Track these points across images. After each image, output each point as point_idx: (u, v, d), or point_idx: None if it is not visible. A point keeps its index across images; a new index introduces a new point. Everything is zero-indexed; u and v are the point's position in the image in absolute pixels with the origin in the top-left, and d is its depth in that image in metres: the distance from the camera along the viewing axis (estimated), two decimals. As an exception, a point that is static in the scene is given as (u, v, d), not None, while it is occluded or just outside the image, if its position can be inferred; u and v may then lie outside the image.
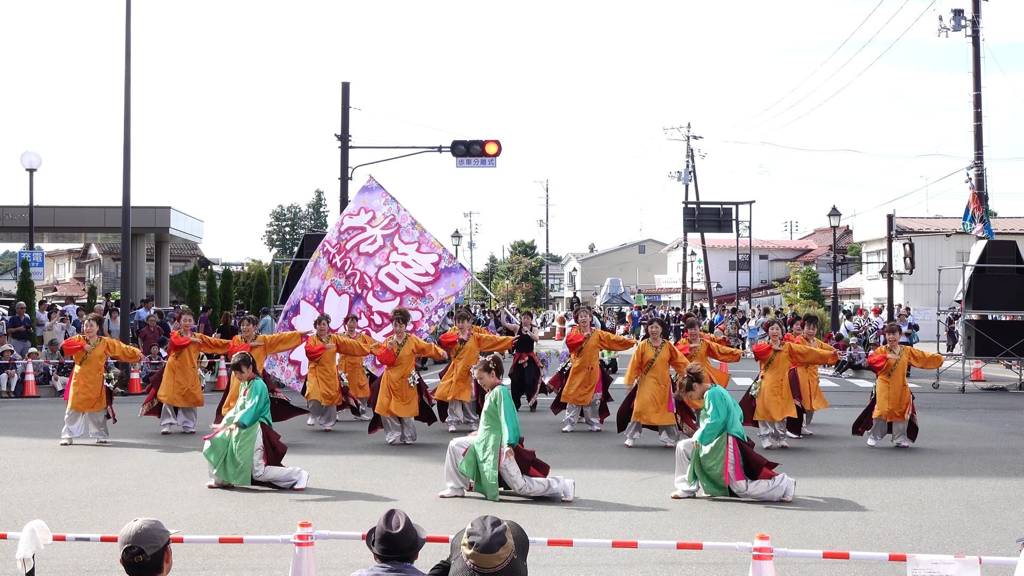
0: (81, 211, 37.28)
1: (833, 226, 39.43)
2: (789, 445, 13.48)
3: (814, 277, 54.64)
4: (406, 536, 4.31)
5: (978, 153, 28.22)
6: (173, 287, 44.33)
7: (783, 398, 13.33)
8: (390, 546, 4.29)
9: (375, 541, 4.33)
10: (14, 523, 8.46)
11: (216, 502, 9.77)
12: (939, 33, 29.33)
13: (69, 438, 13.61)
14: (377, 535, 4.33)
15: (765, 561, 5.62)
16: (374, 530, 4.37)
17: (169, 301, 38.47)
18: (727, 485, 9.70)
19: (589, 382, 14.88)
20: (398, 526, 4.32)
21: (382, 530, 4.32)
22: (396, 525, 4.32)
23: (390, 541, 4.30)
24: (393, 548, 4.28)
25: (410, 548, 4.32)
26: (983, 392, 22.71)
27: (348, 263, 17.43)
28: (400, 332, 13.73)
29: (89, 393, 13.79)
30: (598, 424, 15.07)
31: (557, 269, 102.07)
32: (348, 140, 27.04)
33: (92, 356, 13.94)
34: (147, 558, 3.95)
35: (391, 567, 4.27)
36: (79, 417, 13.81)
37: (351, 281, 17.39)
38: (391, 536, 4.30)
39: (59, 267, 70.21)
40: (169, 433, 14.70)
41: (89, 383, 13.81)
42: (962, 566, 5.38)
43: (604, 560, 7.57)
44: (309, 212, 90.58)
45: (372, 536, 4.37)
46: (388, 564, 4.28)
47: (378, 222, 17.64)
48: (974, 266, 23.94)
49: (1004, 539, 8.30)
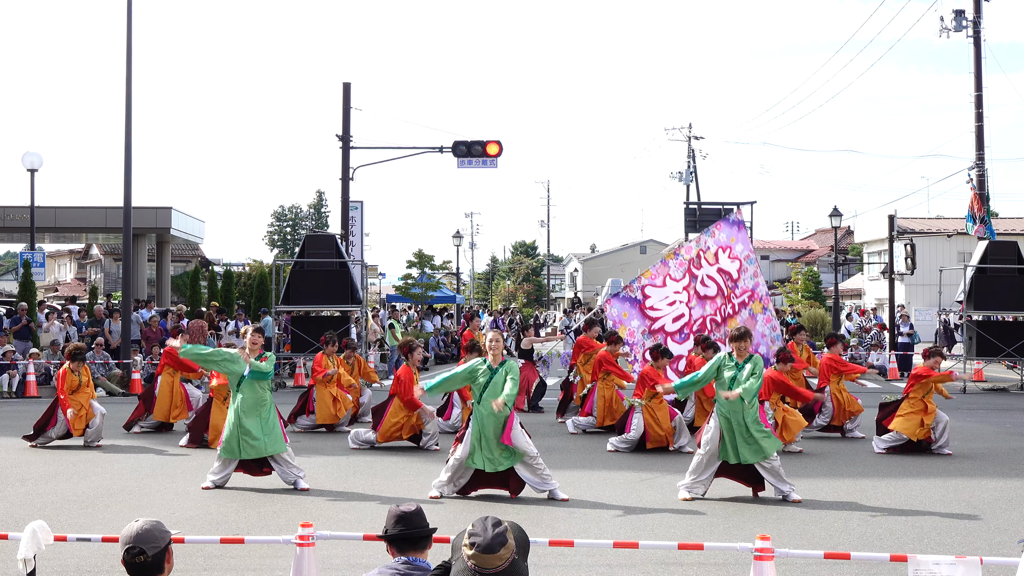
0: (82, 212, 37.26)
1: (834, 226, 39.44)
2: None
3: (815, 278, 54.60)
4: (421, 516, 4.33)
5: (979, 153, 28.20)
6: (174, 288, 44.31)
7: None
8: (407, 525, 4.28)
9: (389, 528, 4.31)
10: (15, 524, 8.46)
11: (217, 502, 9.78)
12: (940, 33, 29.30)
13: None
14: (391, 519, 4.30)
15: (766, 562, 5.62)
16: (387, 525, 4.35)
17: (170, 301, 38.45)
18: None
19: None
20: (410, 508, 4.34)
21: (396, 512, 4.31)
22: (409, 507, 4.34)
23: (406, 520, 4.29)
24: (410, 526, 4.28)
25: (424, 527, 4.32)
26: (984, 393, 22.69)
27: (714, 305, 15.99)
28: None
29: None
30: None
31: (558, 270, 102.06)
32: (349, 140, 27.06)
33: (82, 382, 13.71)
34: (148, 558, 3.95)
35: (405, 561, 4.26)
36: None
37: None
38: (406, 515, 4.30)
39: (60, 268, 70.19)
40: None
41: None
42: (963, 567, 5.38)
43: (605, 560, 7.57)
44: (310, 212, 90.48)
45: (386, 528, 4.35)
46: (403, 557, 4.27)
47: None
48: (975, 267, 23.93)
49: (1005, 540, 8.30)
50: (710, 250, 16.00)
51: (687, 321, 15.75)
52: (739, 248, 16.13)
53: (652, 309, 15.70)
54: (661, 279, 15.88)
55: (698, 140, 56.58)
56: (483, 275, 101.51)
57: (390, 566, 4.26)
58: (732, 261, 16.07)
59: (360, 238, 31.55)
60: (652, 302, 15.72)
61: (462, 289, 65.43)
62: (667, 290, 15.83)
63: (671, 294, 15.81)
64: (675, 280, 15.86)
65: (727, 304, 15.89)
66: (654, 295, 15.75)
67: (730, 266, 16.07)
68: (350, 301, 23.26)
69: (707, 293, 15.92)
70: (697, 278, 15.89)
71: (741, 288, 16.02)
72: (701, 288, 15.88)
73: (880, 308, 35.62)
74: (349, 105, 27.18)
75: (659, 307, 15.75)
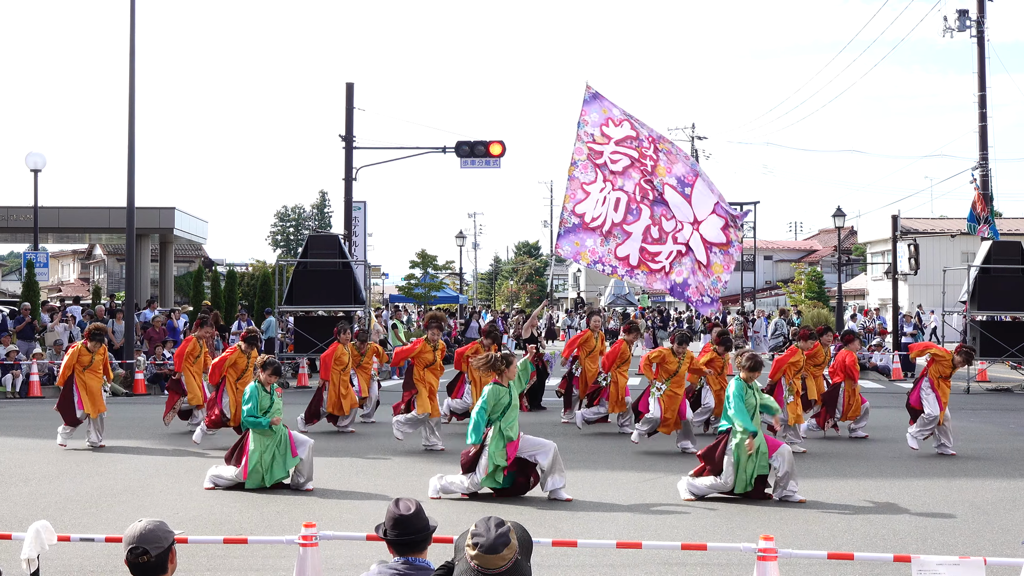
0: (85, 212, 37.32)
1: (838, 227, 39.38)
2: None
3: (819, 278, 54.59)
4: (419, 517, 4.26)
5: (983, 153, 28.17)
6: (177, 288, 44.36)
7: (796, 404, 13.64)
8: (404, 529, 4.22)
9: (387, 529, 4.28)
10: (19, 524, 8.46)
11: (220, 503, 9.78)
12: (944, 33, 29.29)
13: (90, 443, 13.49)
14: (389, 520, 4.27)
15: (770, 562, 5.62)
16: (384, 522, 4.33)
17: (173, 302, 38.50)
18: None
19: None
20: (408, 509, 4.27)
21: (394, 513, 4.26)
22: (407, 508, 4.27)
23: (404, 523, 4.23)
24: (408, 531, 4.22)
25: (423, 531, 4.27)
26: (988, 393, 22.68)
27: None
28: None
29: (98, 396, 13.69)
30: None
31: (561, 270, 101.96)
32: (352, 141, 27.07)
33: (95, 362, 13.75)
34: (151, 559, 3.95)
35: (404, 561, 4.24)
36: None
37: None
38: (404, 518, 4.24)
39: (64, 268, 70.29)
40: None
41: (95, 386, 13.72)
42: (967, 567, 5.37)
43: (608, 561, 7.57)
44: (313, 213, 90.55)
45: (383, 527, 4.33)
46: (402, 557, 4.25)
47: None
48: (979, 267, 23.90)
49: (1009, 540, 8.29)
50: (594, 136, 15.34)
51: (626, 200, 15.22)
52: (615, 112, 15.50)
53: (593, 220, 15.33)
54: (581, 192, 15.30)
55: (701, 140, 56.74)
56: (486, 275, 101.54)
57: (390, 566, 4.26)
58: (619, 126, 15.41)
59: (363, 238, 31.56)
60: (589, 214, 15.27)
61: (465, 289, 65.42)
62: (592, 196, 15.20)
63: (596, 193, 15.17)
64: (591, 183, 15.30)
65: (649, 176, 15.17)
66: (586, 208, 15.22)
67: (620, 131, 15.39)
68: (353, 301, 23.29)
69: (623, 166, 15.26)
70: (605, 165, 15.22)
71: (651, 161, 15.17)
72: (614, 167, 15.23)
73: (883, 308, 35.57)
74: (352, 105, 27.19)
75: (597, 212, 15.29)
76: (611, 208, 15.04)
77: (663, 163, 15.00)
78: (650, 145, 15.15)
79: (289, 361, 24.83)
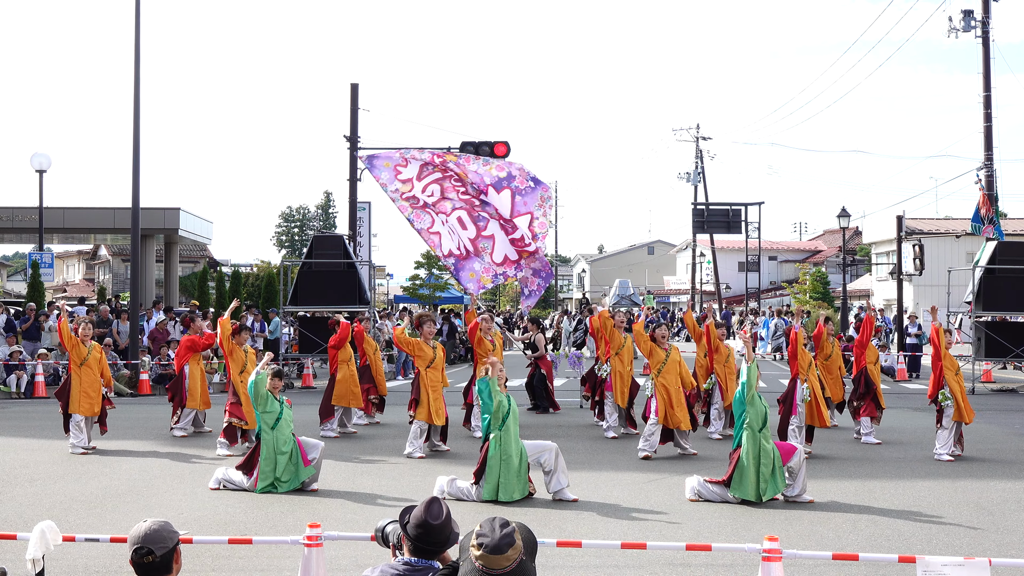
0: (91, 212, 37.37)
1: (842, 227, 39.32)
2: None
3: (823, 278, 54.49)
4: (444, 529, 4.11)
5: (988, 154, 28.12)
6: (182, 288, 44.42)
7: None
8: (427, 534, 4.09)
9: (411, 525, 4.19)
10: (24, 524, 8.48)
11: (225, 503, 9.79)
12: (949, 34, 29.21)
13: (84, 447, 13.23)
14: (414, 520, 4.17)
15: (774, 563, 5.61)
16: (409, 512, 4.26)
17: (178, 302, 38.53)
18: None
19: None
20: (438, 517, 4.11)
21: (420, 517, 4.11)
22: (437, 516, 4.11)
23: (428, 530, 4.10)
24: (427, 539, 4.09)
25: (443, 543, 4.16)
26: (993, 394, 22.63)
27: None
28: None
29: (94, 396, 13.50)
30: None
31: (566, 270, 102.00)
32: (357, 141, 27.08)
33: (91, 359, 13.48)
34: (156, 559, 3.95)
35: (406, 562, 4.20)
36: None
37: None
38: (431, 527, 4.10)
39: (69, 268, 70.40)
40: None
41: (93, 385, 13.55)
42: (972, 568, 5.37)
43: (613, 561, 7.56)
44: (318, 213, 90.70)
45: (406, 518, 4.20)
46: (407, 557, 4.20)
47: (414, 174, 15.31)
48: (984, 267, 23.86)
49: (1014, 541, 8.28)
50: (399, 190, 15.22)
51: (465, 213, 15.01)
52: (395, 156, 15.46)
53: (459, 248, 14.96)
54: (433, 237, 15.24)
55: (706, 141, 56.64)
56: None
57: (392, 566, 4.24)
58: (407, 166, 15.33)
59: (368, 239, 31.60)
60: (453, 248, 14.95)
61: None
62: (443, 235, 14.94)
63: (441, 228, 15.02)
64: (432, 226, 15.22)
65: (462, 182, 15.17)
66: (448, 245, 14.89)
67: (412, 168, 15.35)
68: (358, 302, 23.28)
69: (438, 191, 15.19)
70: (426, 204, 15.19)
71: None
72: (432, 199, 15.21)
73: (888, 309, 35.53)
74: (357, 106, 27.21)
75: (455, 242, 14.98)
76: (459, 230, 15.28)
77: (456, 168, 15.27)
78: (440, 160, 15.40)
79: (294, 361, 24.84)
